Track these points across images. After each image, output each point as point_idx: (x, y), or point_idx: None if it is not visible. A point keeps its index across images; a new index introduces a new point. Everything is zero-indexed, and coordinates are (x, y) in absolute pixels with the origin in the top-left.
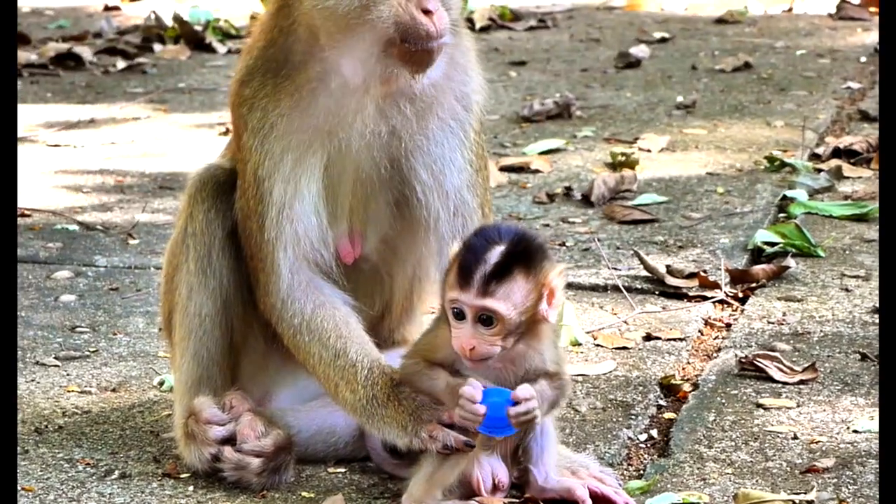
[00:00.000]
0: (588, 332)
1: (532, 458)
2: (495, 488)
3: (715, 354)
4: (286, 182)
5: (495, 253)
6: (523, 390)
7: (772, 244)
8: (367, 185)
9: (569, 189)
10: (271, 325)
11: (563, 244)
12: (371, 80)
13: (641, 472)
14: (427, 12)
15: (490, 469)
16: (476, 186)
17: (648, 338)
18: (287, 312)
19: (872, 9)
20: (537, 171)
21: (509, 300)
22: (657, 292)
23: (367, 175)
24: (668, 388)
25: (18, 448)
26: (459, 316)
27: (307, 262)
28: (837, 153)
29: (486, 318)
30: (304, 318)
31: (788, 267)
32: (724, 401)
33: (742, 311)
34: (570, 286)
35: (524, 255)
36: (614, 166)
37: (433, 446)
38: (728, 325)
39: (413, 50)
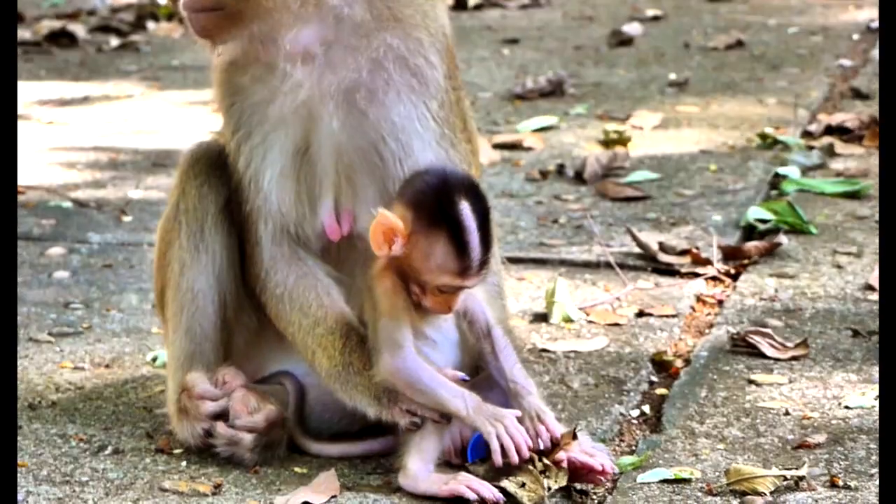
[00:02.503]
0: (581, 309)
1: None
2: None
3: (707, 331)
4: (256, 155)
5: (475, 219)
6: None
7: (764, 221)
8: (348, 162)
9: (561, 166)
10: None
11: (555, 221)
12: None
13: (633, 447)
14: None
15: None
16: (453, 163)
17: (641, 314)
18: (270, 282)
19: None
20: (530, 148)
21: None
22: (649, 269)
23: (347, 152)
24: (661, 365)
25: None
26: (447, 290)
27: (289, 235)
28: (830, 130)
29: None
30: (287, 287)
31: (780, 244)
32: (715, 377)
33: (734, 287)
34: (562, 263)
35: (483, 198)
36: (607, 144)
37: (403, 422)
38: (720, 302)
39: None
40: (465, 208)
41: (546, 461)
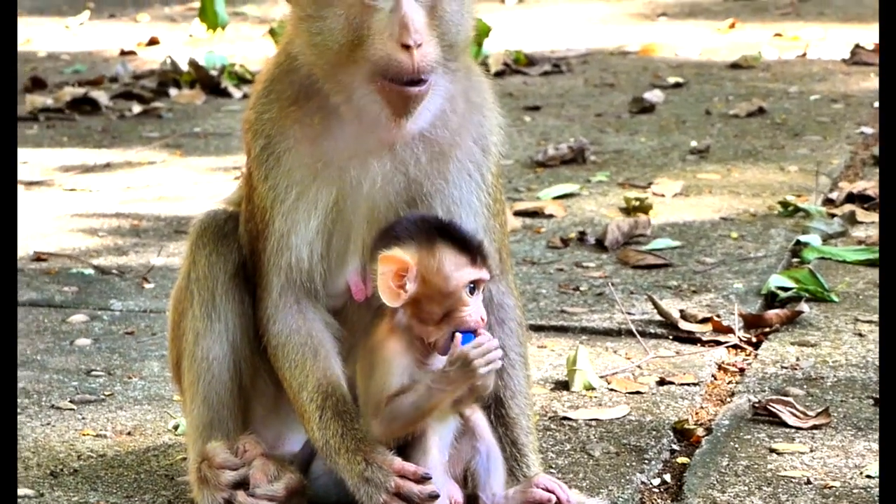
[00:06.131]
0: (602, 377)
1: (479, 483)
2: None
3: (728, 399)
4: (287, 214)
5: (455, 224)
6: None
7: (785, 289)
8: (381, 224)
9: (583, 234)
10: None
11: (576, 289)
12: (368, 120)
13: None
14: (406, 47)
15: (446, 490)
16: (493, 230)
17: (662, 382)
18: (270, 333)
19: None
20: (551, 215)
21: None
22: (671, 337)
23: (383, 214)
24: (682, 433)
25: (33, 492)
26: (473, 291)
27: (298, 288)
28: (851, 198)
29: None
30: (281, 341)
31: (802, 312)
32: (737, 445)
33: (755, 355)
34: (583, 330)
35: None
36: (628, 211)
37: None
38: (741, 370)
39: (393, 89)
40: (440, 217)
41: None
